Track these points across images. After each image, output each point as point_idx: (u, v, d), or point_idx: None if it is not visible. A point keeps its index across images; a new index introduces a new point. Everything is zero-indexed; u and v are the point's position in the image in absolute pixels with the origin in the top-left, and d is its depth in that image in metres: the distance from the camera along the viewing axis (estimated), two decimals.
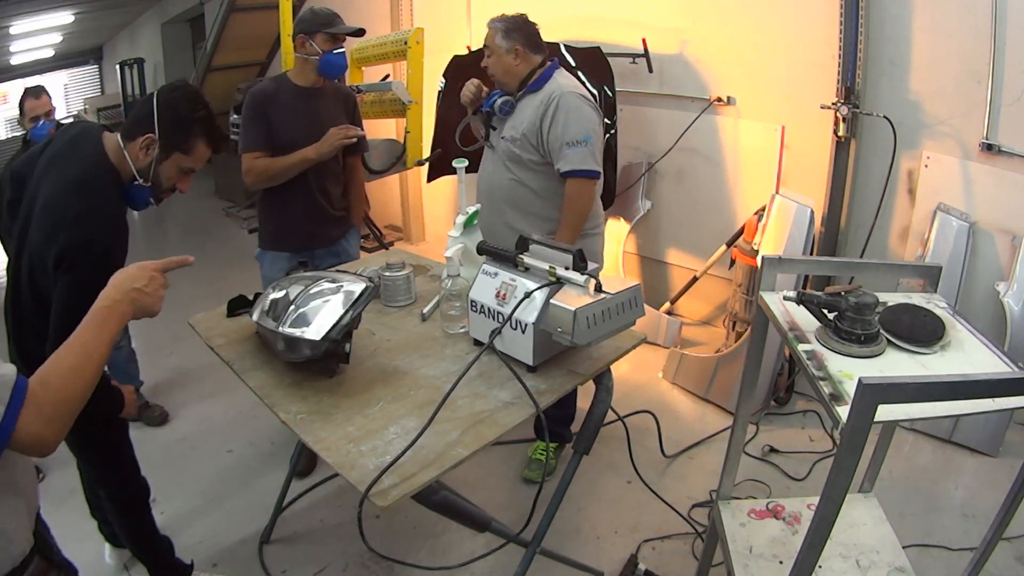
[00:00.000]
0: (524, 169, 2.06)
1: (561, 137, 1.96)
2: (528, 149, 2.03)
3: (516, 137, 2.04)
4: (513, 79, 2.07)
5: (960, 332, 1.18)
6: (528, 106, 2.04)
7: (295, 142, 2.14)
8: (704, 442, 2.52)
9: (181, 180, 1.51)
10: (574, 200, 2.03)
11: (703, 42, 3.08)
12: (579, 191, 2.01)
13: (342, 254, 2.36)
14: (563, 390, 1.38)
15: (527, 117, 2.03)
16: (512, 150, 2.05)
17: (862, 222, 2.79)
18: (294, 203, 2.22)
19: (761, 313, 1.31)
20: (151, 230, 5.82)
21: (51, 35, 8.99)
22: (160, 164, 1.45)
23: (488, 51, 2.07)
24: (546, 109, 1.98)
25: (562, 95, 1.98)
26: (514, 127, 2.06)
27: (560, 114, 1.96)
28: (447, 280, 1.56)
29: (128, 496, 1.70)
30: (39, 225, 1.36)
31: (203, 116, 1.46)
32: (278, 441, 2.54)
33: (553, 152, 1.99)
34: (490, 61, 2.08)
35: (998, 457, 2.36)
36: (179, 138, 1.44)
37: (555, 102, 1.97)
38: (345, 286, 1.43)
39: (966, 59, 2.42)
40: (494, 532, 1.44)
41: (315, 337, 1.32)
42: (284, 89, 2.18)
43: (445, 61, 3.24)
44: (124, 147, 1.43)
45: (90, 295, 1.31)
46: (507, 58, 2.04)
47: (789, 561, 1.17)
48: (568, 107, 1.97)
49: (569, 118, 1.96)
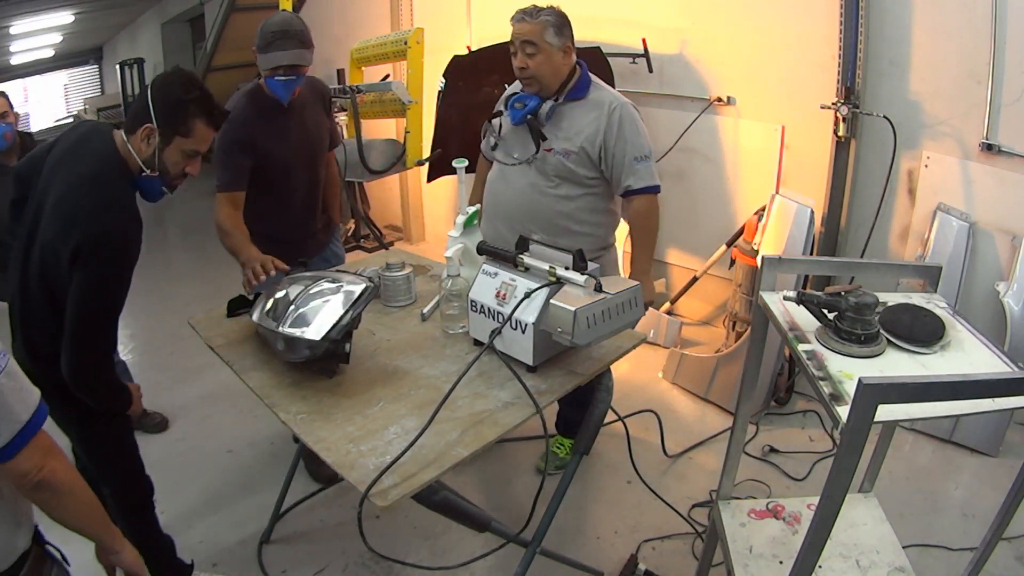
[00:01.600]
0: (576, 186, 1.91)
1: (629, 152, 1.86)
2: (585, 164, 1.88)
3: (572, 151, 1.87)
4: (559, 81, 1.87)
5: (960, 332, 1.18)
6: (577, 115, 1.89)
7: (288, 163, 2.04)
8: (704, 442, 2.52)
9: (189, 164, 1.50)
10: (648, 217, 1.94)
11: (703, 42, 3.07)
12: (651, 207, 1.93)
13: (332, 258, 2.33)
14: (563, 390, 1.38)
15: (583, 129, 1.87)
16: (565, 164, 1.89)
17: (862, 222, 2.79)
18: (284, 220, 2.09)
19: (761, 313, 1.31)
20: (151, 230, 5.72)
21: (51, 35, 9.00)
22: (163, 152, 1.45)
23: (531, 49, 1.82)
24: (608, 121, 1.85)
25: (622, 106, 1.87)
26: (567, 139, 1.88)
27: (626, 127, 1.85)
28: (447, 280, 1.56)
29: (132, 495, 1.70)
30: (51, 221, 1.37)
31: (197, 97, 1.45)
32: (278, 442, 2.54)
33: (617, 167, 1.88)
34: (534, 60, 1.83)
35: (998, 457, 2.36)
36: (176, 122, 1.43)
37: (617, 114, 1.85)
38: (345, 286, 1.43)
39: (966, 59, 2.42)
40: (494, 532, 1.44)
41: (315, 337, 1.33)
42: (264, 109, 1.97)
43: (445, 61, 3.24)
44: (128, 142, 1.44)
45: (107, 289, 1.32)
46: (558, 57, 1.83)
47: (789, 561, 1.17)
48: (632, 119, 1.87)
49: (635, 131, 1.87)
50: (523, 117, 1.89)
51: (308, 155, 2.12)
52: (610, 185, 1.96)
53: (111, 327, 1.44)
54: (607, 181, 1.94)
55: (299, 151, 2.07)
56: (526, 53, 1.83)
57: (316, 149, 2.17)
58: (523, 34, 1.82)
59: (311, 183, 2.17)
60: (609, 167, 1.89)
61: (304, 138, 2.08)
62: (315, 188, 2.20)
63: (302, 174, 2.12)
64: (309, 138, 2.11)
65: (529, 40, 1.81)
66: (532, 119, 1.88)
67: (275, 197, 2.04)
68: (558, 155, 1.89)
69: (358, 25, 4.62)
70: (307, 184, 2.15)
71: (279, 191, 2.06)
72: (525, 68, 1.85)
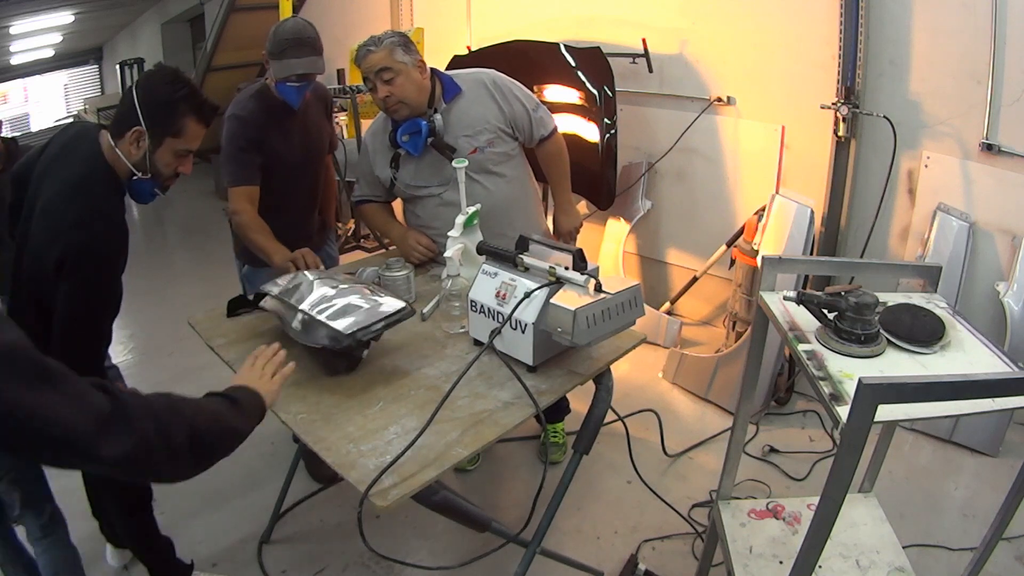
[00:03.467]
0: (509, 165, 1.99)
1: (527, 107, 1.97)
2: (505, 141, 1.96)
3: (491, 138, 1.92)
4: (426, 96, 1.87)
5: (960, 332, 1.18)
6: (467, 109, 1.91)
7: (294, 165, 2.05)
8: (704, 442, 2.52)
9: (181, 163, 1.47)
10: (562, 153, 2.08)
11: (703, 42, 3.07)
12: (560, 144, 2.08)
13: (327, 259, 2.31)
14: (563, 390, 1.38)
15: (483, 115, 1.91)
16: (492, 154, 1.93)
17: (862, 222, 2.79)
18: (283, 220, 2.06)
19: (761, 313, 1.31)
20: (151, 230, 5.82)
21: (51, 35, 8.99)
22: (154, 154, 1.41)
23: (388, 75, 1.80)
24: (497, 95, 1.92)
25: (493, 76, 1.96)
26: (480, 132, 1.90)
27: (510, 90, 1.95)
28: (447, 280, 1.56)
29: (132, 497, 1.70)
30: (38, 228, 1.36)
31: (185, 94, 1.40)
32: (278, 442, 2.54)
33: (526, 126, 1.98)
34: (394, 85, 1.81)
35: (998, 457, 2.36)
36: (166, 122, 1.40)
37: (494, 83, 1.93)
38: (387, 300, 1.44)
39: (966, 59, 2.42)
40: (494, 532, 1.44)
41: (342, 329, 1.32)
42: (272, 109, 1.98)
43: (445, 61, 3.24)
44: (115, 147, 1.41)
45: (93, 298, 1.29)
46: (415, 74, 1.84)
47: (789, 561, 1.17)
48: (506, 80, 1.97)
49: (518, 88, 1.97)
50: (425, 142, 1.87)
51: (311, 157, 2.13)
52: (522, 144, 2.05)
53: (99, 335, 1.42)
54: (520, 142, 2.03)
55: (303, 153, 2.08)
56: (384, 80, 1.82)
57: (318, 151, 2.18)
58: (375, 64, 1.81)
59: (311, 185, 2.18)
60: (520, 129, 1.99)
61: (307, 140, 2.09)
62: (315, 190, 2.21)
63: (304, 176, 2.13)
64: (312, 140, 2.12)
65: (384, 67, 1.80)
66: (435, 139, 1.87)
67: (277, 197, 2.04)
68: (486, 149, 1.92)
69: (358, 25, 4.62)
70: (308, 186, 2.16)
71: (281, 191, 2.05)
72: (390, 96, 1.83)
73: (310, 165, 2.15)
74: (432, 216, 1.99)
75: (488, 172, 1.95)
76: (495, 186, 1.96)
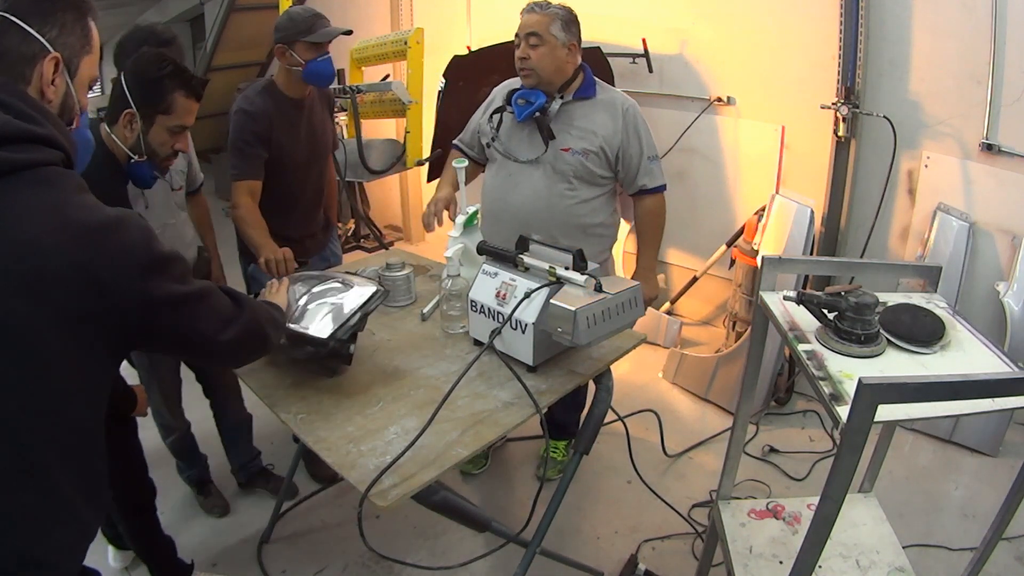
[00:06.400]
0: (592, 187, 1.90)
1: (644, 152, 1.88)
2: (602, 165, 1.88)
3: (591, 151, 1.85)
4: (560, 78, 1.84)
5: (960, 332, 1.18)
6: (589, 115, 1.87)
7: (298, 161, 2.06)
8: (704, 442, 2.52)
9: (176, 141, 1.50)
10: (657, 215, 1.98)
11: (703, 42, 3.07)
12: (661, 206, 1.98)
13: (331, 257, 2.34)
14: (563, 390, 1.38)
15: (598, 129, 1.85)
16: (584, 165, 1.86)
17: (862, 222, 2.79)
18: (288, 218, 2.09)
19: (761, 313, 1.31)
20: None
21: None
22: (148, 134, 1.45)
23: (535, 40, 1.79)
24: (624, 122, 1.85)
25: (633, 106, 1.89)
26: (584, 139, 1.85)
27: (640, 127, 1.88)
28: (447, 280, 1.56)
29: (135, 497, 1.70)
30: None
31: (171, 71, 1.44)
32: (278, 442, 2.54)
33: (633, 167, 1.89)
34: (537, 52, 1.80)
35: (998, 457, 2.36)
36: (155, 100, 1.43)
37: (631, 113, 1.87)
38: (355, 288, 1.43)
39: (966, 59, 2.42)
40: (494, 532, 1.44)
41: (321, 335, 1.32)
42: (280, 105, 1.99)
43: (445, 61, 3.23)
44: (111, 132, 1.45)
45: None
46: (561, 52, 1.81)
47: (789, 561, 1.17)
48: (643, 120, 1.90)
49: (647, 131, 1.90)
50: (530, 114, 1.85)
51: (316, 154, 2.15)
52: (618, 184, 1.97)
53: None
54: (616, 181, 1.96)
55: (308, 149, 2.10)
56: (529, 44, 1.81)
57: (324, 149, 2.20)
58: (529, 25, 1.81)
59: (316, 182, 2.20)
60: (625, 167, 1.90)
61: (312, 137, 2.11)
62: (319, 187, 2.22)
63: (309, 172, 2.14)
64: (317, 137, 2.13)
65: (534, 31, 1.79)
66: (541, 116, 1.83)
67: (282, 194, 2.05)
68: (577, 155, 1.86)
69: (358, 25, 4.59)
70: (312, 183, 2.18)
71: (286, 188, 2.07)
72: (526, 59, 1.81)
73: (316, 162, 2.16)
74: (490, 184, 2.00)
75: (561, 176, 1.88)
76: (553, 193, 1.89)
